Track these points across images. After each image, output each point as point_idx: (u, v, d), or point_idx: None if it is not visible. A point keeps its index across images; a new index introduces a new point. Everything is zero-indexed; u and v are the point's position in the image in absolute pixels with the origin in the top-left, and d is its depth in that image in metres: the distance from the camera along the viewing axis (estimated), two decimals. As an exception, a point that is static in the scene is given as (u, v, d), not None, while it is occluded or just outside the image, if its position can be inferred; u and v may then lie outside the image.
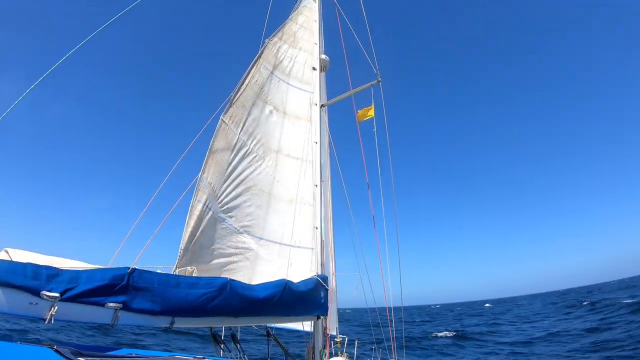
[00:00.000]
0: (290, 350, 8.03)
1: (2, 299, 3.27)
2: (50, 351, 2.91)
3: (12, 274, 3.33)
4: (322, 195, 7.81)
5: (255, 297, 5.25)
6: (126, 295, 3.98)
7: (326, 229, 8.21)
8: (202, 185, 6.21)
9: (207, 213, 6.20)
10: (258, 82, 7.62)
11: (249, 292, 5.22)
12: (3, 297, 3.27)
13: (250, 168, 7.10)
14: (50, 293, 3.43)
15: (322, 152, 8.29)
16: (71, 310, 3.61)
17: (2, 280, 3.27)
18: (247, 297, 5.14)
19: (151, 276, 4.28)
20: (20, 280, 3.33)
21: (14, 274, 3.34)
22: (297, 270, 7.03)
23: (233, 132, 6.88)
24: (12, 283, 3.29)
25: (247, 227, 6.85)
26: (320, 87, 8.81)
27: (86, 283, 3.70)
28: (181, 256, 5.86)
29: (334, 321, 8.91)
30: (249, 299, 5.15)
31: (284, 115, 8.07)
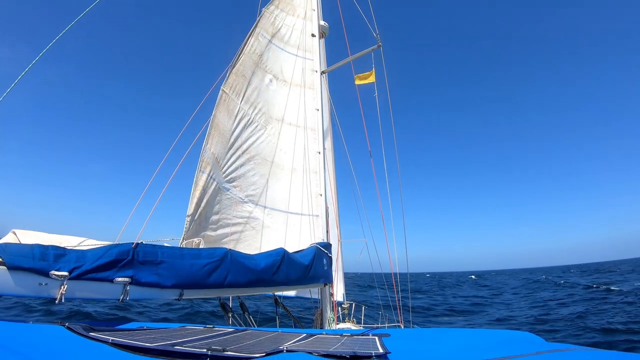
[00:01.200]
0: (299, 317, 8.16)
1: (13, 282, 3.31)
2: (62, 328, 2.95)
3: (20, 257, 3.36)
4: (325, 162, 7.80)
5: (256, 266, 5.30)
6: (133, 269, 4.03)
7: (330, 195, 8.24)
8: (206, 156, 6.22)
9: (212, 184, 6.23)
10: (257, 51, 7.54)
11: (249, 261, 5.27)
12: (14, 280, 3.31)
13: (252, 137, 7.10)
14: (59, 272, 3.47)
15: (323, 119, 8.24)
16: (81, 287, 3.66)
17: (12, 264, 3.31)
18: (248, 266, 5.20)
19: (155, 250, 4.31)
20: (28, 262, 3.36)
21: (23, 256, 3.37)
22: (303, 238, 7.09)
23: (234, 102, 6.84)
24: (22, 266, 3.33)
25: (251, 196, 6.88)
26: (320, 54, 8.70)
27: (93, 260, 3.74)
28: (187, 228, 5.91)
29: (341, 287, 9.04)
30: (249, 268, 5.21)
31: (284, 84, 8.01)
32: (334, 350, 2.44)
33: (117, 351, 2.46)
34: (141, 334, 3.05)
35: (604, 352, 2.18)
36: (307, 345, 2.69)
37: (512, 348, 2.72)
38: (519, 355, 2.21)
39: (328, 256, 6.67)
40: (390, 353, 2.42)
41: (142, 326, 3.82)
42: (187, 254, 4.64)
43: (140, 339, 2.74)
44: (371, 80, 8.64)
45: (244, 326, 6.03)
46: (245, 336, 3.35)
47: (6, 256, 3.32)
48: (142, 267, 4.11)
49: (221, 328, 4.06)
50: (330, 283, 6.91)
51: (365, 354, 2.33)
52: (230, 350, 2.48)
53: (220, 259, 4.83)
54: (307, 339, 3.11)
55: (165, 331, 3.45)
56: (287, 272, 5.71)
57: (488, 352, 2.64)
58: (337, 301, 8.39)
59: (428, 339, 3.60)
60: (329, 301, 7.09)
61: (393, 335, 3.47)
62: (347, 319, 8.59)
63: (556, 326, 14.95)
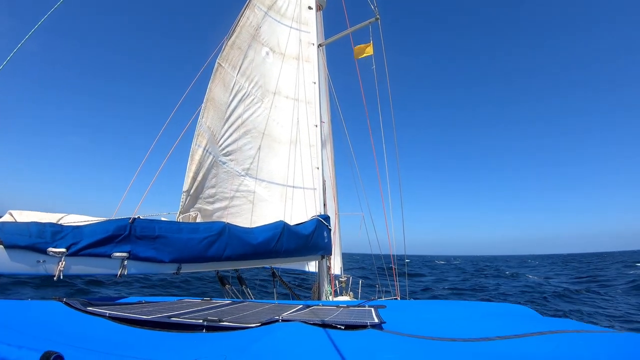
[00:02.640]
0: (296, 290, 8.23)
1: (11, 261, 3.31)
2: (59, 304, 2.96)
3: (17, 235, 3.35)
4: (322, 136, 7.76)
5: (254, 239, 5.30)
6: (130, 244, 4.02)
7: (328, 169, 8.24)
8: (202, 129, 6.16)
9: (208, 157, 6.19)
10: (253, 24, 7.41)
11: (248, 235, 5.27)
12: (11, 259, 3.31)
13: (249, 111, 7.03)
14: (57, 249, 3.46)
15: (321, 92, 8.16)
16: (78, 264, 3.66)
17: (9, 243, 3.30)
18: (246, 240, 5.20)
19: (152, 224, 4.30)
20: (25, 240, 3.35)
21: (20, 235, 3.36)
22: (300, 211, 7.09)
23: (230, 75, 6.75)
24: (19, 244, 3.32)
25: (248, 169, 6.86)
26: (317, 27, 8.56)
27: (90, 236, 3.73)
28: (184, 202, 5.90)
29: (339, 261, 9.10)
30: (248, 242, 5.22)
31: (280, 57, 7.89)
32: (330, 320, 2.45)
33: (114, 324, 2.48)
34: (139, 308, 3.07)
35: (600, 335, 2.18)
36: (303, 315, 2.70)
37: (507, 322, 2.74)
38: (515, 335, 2.20)
39: (328, 228, 6.69)
40: (386, 323, 2.44)
41: (140, 300, 3.85)
42: (184, 228, 4.63)
43: (138, 312, 2.76)
44: (369, 53, 8.55)
45: (241, 299, 6.09)
46: (242, 307, 3.38)
47: (3, 235, 3.32)
48: (139, 242, 4.10)
49: (219, 300, 4.09)
50: (329, 256, 6.95)
51: (361, 323, 2.34)
52: (227, 321, 2.50)
53: (218, 232, 4.83)
54: (304, 310, 3.13)
55: (163, 304, 3.47)
56: (287, 244, 5.72)
57: (483, 324, 2.66)
58: (335, 274, 8.46)
59: (423, 310, 3.64)
60: (326, 274, 7.15)
61: (389, 307, 3.50)
62: (345, 292, 8.67)
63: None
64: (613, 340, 2.07)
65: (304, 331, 2.19)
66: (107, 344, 2.04)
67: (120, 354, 1.85)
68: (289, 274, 9.10)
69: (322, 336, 2.10)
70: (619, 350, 1.87)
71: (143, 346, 2.06)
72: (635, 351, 1.84)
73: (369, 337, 2.17)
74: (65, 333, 2.25)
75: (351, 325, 2.32)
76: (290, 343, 1.99)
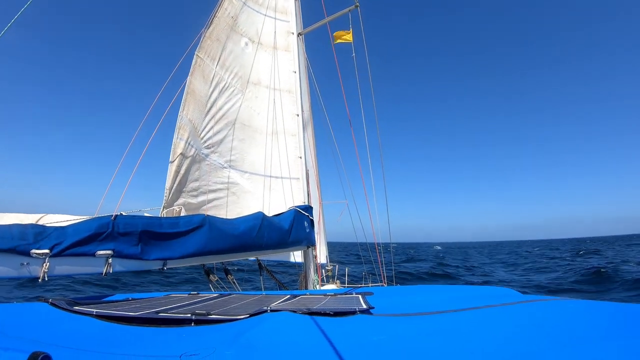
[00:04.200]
0: (283, 280, 8.27)
1: None
2: (45, 305, 2.93)
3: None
4: (303, 125, 7.75)
5: (235, 230, 5.29)
6: (114, 242, 3.97)
7: (310, 158, 8.25)
8: (183, 122, 6.12)
9: (190, 150, 6.16)
10: (231, 14, 7.33)
11: (229, 226, 5.26)
12: None
13: (229, 102, 7.00)
14: (40, 250, 3.39)
15: (301, 81, 8.14)
16: (63, 264, 3.60)
17: None
18: (228, 231, 5.18)
19: (134, 220, 4.25)
20: (7, 243, 3.27)
21: (1, 238, 3.27)
22: (285, 201, 7.11)
23: (209, 67, 6.70)
24: (0, 247, 3.25)
25: (231, 161, 6.85)
26: (296, 16, 8.50)
27: (73, 235, 3.67)
28: (167, 196, 5.86)
29: (324, 250, 9.15)
30: (229, 233, 5.20)
31: (260, 46, 7.84)
32: (318, 308, 2.48)
33: (101, 322, 2.47)
34: (126, 305, 3.06)
35: (578, 302, 2.27)
36: (291, 305, 2.73)
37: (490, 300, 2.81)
38: (496, 304, 2.29)
39: (309, 219, 6.69)
40: (374, 308, 2.47)
41: (127, 297, 3.83)
42: (165, 223, 4.59)
43: (125, 309, 2.75)
44: (348, 40, 8.53)
45: (228, 291, 6.10)
46: (229, 300, 3.39)
47: None
48: (122, 239, 4.07)
49: (206, 294, 4.10)
50: (313, 245, 6.97)
51: (349, 310, 2.37)
52: (215, 314, 2.51)
53: (198, 225, 4.80)
54: (291, 300, 3.16)
55: (150, 300, 3.46)
56: (268, 236, 5.72)
57: (467, 302, 2.73)
58: (321, 263, 8.50)
59: (410, 294, 3.70)
60: (312, 264, 7.19)
61: (376, 293, 3.54)
62: (332, 280, 8.73)
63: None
64: (588, 307, 2.16)
65: (292, 320, 2.21)
66: (95, 343, 2.04)
67: (109, 351, 1.85)
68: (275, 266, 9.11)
69: (311, 324, 2.12)
70: (592, 315, 1.97)
71: (131, 343, 2.07)
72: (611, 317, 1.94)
73: (359, 321, 2.20)
74: (52, 333, 2.24)
75: (340, 312, 2.34)
76: (280, 333, 2.01)
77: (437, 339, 1.81)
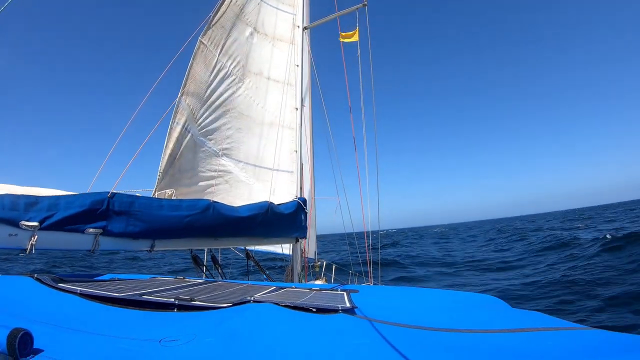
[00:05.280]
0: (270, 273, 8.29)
1: None
2: (30, 279, 2.92)
3: None
4: (302, 119, 7.75)
5: (239, 218, 5.31)
6: (106, 220, 3.95)
7: (306, 152, 8.24)
8: (181, 107, 6.09)
9: (186, 135, 6.14)
10: (238, 3, 7.29)
11: (233, 212, 5.27)
12: None
13: (229, 90, 6.97)
14: (29, 222, 3.36)
15: (303, 75, 8.13)
16: (51, 238, 3.57)
17: None
18: (231, 218, 5.20)
19: (132, 199, 4.23)
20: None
21: None
22: (277, 193, 7.12)
23: (212, 53, 6.67)
24: None
25: (226, 150, 6.84)
26: (303, 9, 8.49)
27: (65, 209, 3.63)
28: (160, 179, 5.84)
29: (313, 245, 9.16)
30: (232, 220, 5.21)
31: (264, 37, 7.82)
32: (302, 302, 2.48)
33: (85, 301, 2.47)
34: (111, 285, 3.06)
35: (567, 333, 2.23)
36: (275, 297, 2.73)
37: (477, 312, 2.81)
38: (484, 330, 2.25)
39: (305, 212, 6.73)
40: (357, 308, 2.47)
41: (112, 277, 3.83)
42: (166, 204, 4.57)
43: (109, 289, 2.75)
44: (354, 39, 8.55)
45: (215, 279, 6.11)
46: (214, 287, 3.40)
47: None
48: (116, 218, 4.05)
49: (192, 279, 4.10)
50: (303, 238, 7.00)
51: (332, 307, 2.37)
52: (198, 300, 2.52)
53: (202, 210, 4.80)
54: (276, 292, 3.16)
55: (136, 282, 3.46)
56: (270, 225, 5.77)
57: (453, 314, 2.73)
58: (309, 258, 8.52)
59: (395, 296, 3.71)
60: (300, 257, 7.20)
61: (361, 292, 3.55)
62: (318, 276, 8.75)
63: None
64: (581, 338, 2.13)
65: (275, 313, 2.21)
66: (78, 321, 2.04)
67: (90, 331, 1.85)
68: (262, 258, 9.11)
69: (293, 318, 2.13)
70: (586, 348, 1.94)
71: (113, 324, 2.07)
72: (600, 347, 1.92)
73: (340, 321, 2.20)
74: (35, 309, 2.24)
75: (323, 308, 2.35)
76: (261, 324, 2.01)
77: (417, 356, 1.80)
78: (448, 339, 2.05)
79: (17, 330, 1.40)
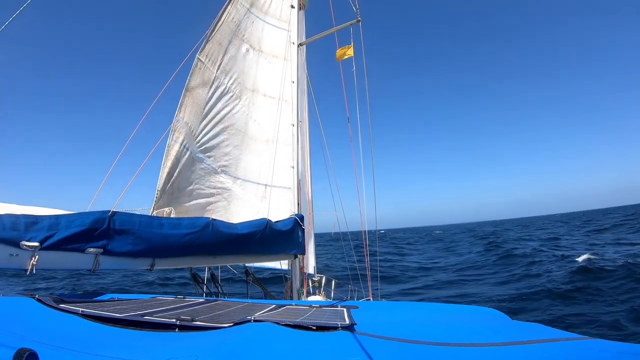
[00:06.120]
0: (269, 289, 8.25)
1: None
2: (31, 300, 2.91)
3: None
4: (299, 135, 7.78)
5: (237, 235, 5.30)
6: (107, 239, 3.94)
7: (303, 168, 8.27)
8: (179, 125, 6.13)
9: (185, 153, 6.16)
10: (234, 20, 7.38)
11: (232, 230, 5.27)
12: None
13: (227, 107, 7.03)
14: (30, 243, 3.35)
15: (299, 91, 8.18)
16: (52, 258, 3.56)
17: None
18: (230, 234, 5.20)
19: (132, 218, 4.24)
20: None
21: None
22: (275, 210, 7.12)
23: (209, 70, 6.73)
24: None
25: (224, 167, 6.87)
26: (298, 26, 8.59)
27: (66, 229, 3.63)
28: (158, 198, 5.84)
29: (312, 261, 9.15)
30: (231, 235, 5.21)
31: (260, 54, 7.90)
32: (301, 320, 2.48)
33: (87, 322, 2.47)
34: (112, 305, 3.05)
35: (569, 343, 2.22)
36: (275, 315, 2.73)
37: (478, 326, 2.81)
38: (486, 343, 2.24)
39: (302, 228, 6.73)
40: (357, 325, 2.47)
41: (113, 297, 3.81)
42: (165, 223, 4.58)
43: (111, 309, 2.75)
44: (349, 55, 8.63)
45: (214, 297, 6.08)
46: (215, 307, 3.39)
47: None
48: (116, 237, 4.05)
49: (192, 299, 4.09)
50: (302, 255, 6.99)
51: (332, 325, 2.37)
52: (199, 320, 2.52)
53: (202, 229, 4.80)
54: (276, 310, 3.16)
55: (136, 302, 3.45)
56: (268, 242, 5.77)
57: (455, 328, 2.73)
58: (308, 274, 8.49)
59: (395, 312, 3.71)
60: (299, 273, 7.18)
61: (361, 308, 3.55)
62: (318, 292, 8.72)
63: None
64: (582, 348, 2.12)
65: (274, 332, 2.22)
66: (80, 342, 2.04)
67: (93, 352, 1.85)
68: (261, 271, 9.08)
69: (292, 337, 2.13)
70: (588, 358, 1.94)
71: (116, 345, 2.07)
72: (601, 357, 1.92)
73: (339, 339, 2.20)
74: (37, 330, 2.23)
75: (322, 326, 2.35)
76: (261, 344, 2.02)
77: None
78: (449, 354, 2.06)
79: (23, 350, 1.40)
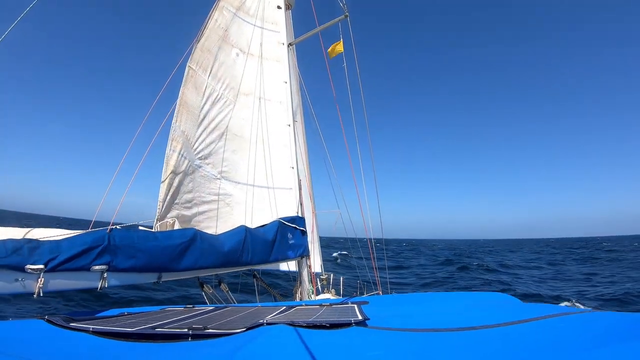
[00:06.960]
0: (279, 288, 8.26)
1: None
2: (41, 322, 2.90)
3: None
4: (295, 135, 7.78)
5: (222, 246, 5.31)
6: (109, 255, 3.96)
7: (302, 168, 8.27)
8: (176, 134, 6.12)
9: (184, 162, 6.16)
10: (222, 25, 7.36)
11: (216, 242, 5.29)
12: None
13: (222, 113, 7.03)
14: (34, 265, 3.36)
15: (292, 91, 8.17)
16: (58, 279, 3.58)
17: None
18: (215, 247, 5.21)
19: (130, 234, 4.26)
20: (1, 259, 3.24)
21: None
22: (278, 211, 7.12)
23: (201, 78, 6.72)
24: None
25: (224, 172, 6.87)
26: (286, 26, 8.56)
27: (69, 250, 3.64)
28: (160, 208, 5.85)
29: (318, 259, 9.14)
30: (217, 249, 5.22)
31: (251, 57, 7.88)
32: (314, 319, 2.49)
33: (98, 339, 2.46)
34: (122, 320, 3.05)
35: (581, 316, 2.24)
36: (287, 317, 2.73)
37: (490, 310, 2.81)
38: (499, 323, 2.25)
39: (298, 230, 6.67)
40: (370, 319, 2.48)
41: (122, 312, 3.81)
42: (160, 236, 4.62)
43: (121, 324, 2.74)
44: (339, 50, 8.64)
45: (224, 304, 6.08)
46: (225, 313, 3.39)
47: None
48: (118, 253, 4.06)
49: (201, 307, 4.09)
50: (307, 255, 6.98)
51: (345, 321, 2.38)
52: (212, 328, 2.51)
53: (190, 239, 4.83)
54: (287, 311, 3.16)
55: (146, 315, 3.45)
56: (253, 250, 5.73)
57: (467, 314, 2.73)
58: (315, 272, 8.50)
59: (406, 304, 3.71)
60: (307, 273, 7.18)
61: (372, 303, 3.55)
62: (327, 290, 8.72)
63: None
64: (594, 320, 2.14)
65: (288, 333, 2.22)
66: (93, 359, 2.03)
67: None
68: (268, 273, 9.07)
69: (307, 337, 2.13)
70: (601, 328, 1.95)
71: (129, 359, 2.06)
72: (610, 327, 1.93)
73: (354, 334, 2.20)
74: (49, 351, 2.23)
75: (335, 324, 2.35)
76: (276, 346, 2.02)
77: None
78: (464, 338, 2.08)
79: None
